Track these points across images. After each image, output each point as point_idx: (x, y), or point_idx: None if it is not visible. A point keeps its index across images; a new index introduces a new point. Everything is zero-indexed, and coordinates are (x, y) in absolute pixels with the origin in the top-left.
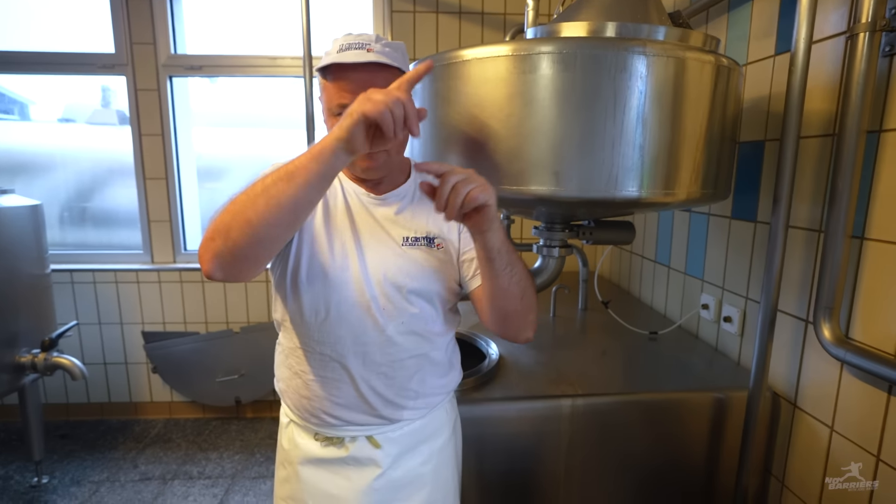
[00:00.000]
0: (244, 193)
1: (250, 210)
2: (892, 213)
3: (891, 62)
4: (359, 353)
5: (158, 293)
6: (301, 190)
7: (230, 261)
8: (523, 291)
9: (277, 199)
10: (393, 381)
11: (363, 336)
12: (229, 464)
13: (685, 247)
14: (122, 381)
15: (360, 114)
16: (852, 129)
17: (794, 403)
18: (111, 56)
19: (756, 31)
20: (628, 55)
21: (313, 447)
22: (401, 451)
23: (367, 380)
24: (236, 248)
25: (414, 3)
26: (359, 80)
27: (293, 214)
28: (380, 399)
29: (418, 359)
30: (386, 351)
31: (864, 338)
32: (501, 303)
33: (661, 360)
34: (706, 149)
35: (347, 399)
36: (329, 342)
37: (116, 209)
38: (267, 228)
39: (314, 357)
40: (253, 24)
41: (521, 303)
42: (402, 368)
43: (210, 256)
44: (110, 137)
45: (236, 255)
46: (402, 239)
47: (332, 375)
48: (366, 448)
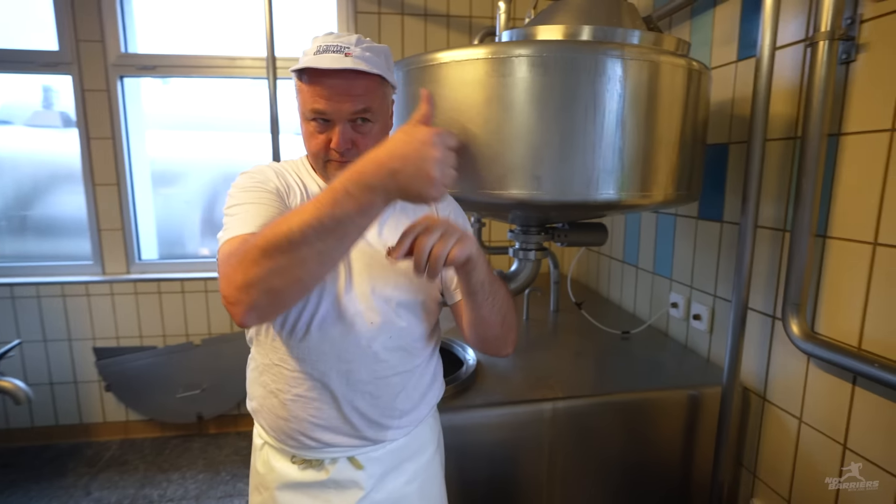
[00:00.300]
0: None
1: (298, 269)
2: (851, 212)
3: (847, 69)
4: (342, 370)
5: (111, 306)
6: (354, 243)
7: (272, 312)
8: (504, 317)
9: (331, 257)
10: (378, 400)
11: (347, 353)
12: (193, 484)
13: (653, 247)
14: (71, 402)
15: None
16: (815, 133)
17: (763, 397)
18: (54, 54)
19: (718, 38)
20: (607, 58)
21: (291, 470)
22: (384, 471)
23: (350, 400)
24: (282, 302)
25: (379, 4)
26: (334, 86)
27: (338, 262)
28: (364, 420)
29: (403, 375)
30: (371, 368)
31: (829, 332)
32: (482, 330)
33: (635, 359)
34: (680, 151)
35: (329, 420)
36: (310, 359)
37: (61, 217)
38: (317, 281)
39: (293, 375)
40: (209, 23)
41: (502, 328)
42: (387, 386)
43: (246, 309)
44: (53, 141)
45: (280, 308)
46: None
47: (312, 395)
48: (347, 470)
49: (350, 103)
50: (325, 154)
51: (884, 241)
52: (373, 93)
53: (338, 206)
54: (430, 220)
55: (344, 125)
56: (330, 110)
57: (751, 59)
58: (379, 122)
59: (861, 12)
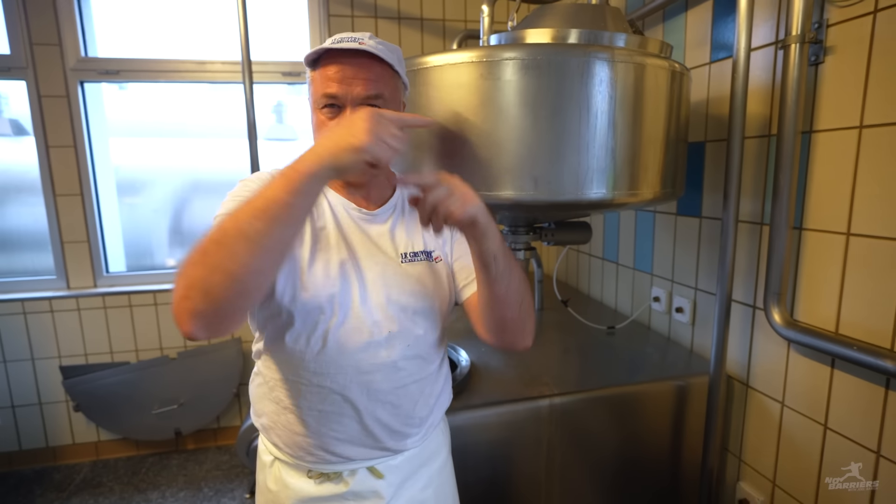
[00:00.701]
0: (215, 240)
1: (228, 261)
2: (825, 205)
3: (816, 70)
4: (363, 382)
5: (78, 322)
6: (287, 229)
7: (216, 320)
8: (521, 298)
9: (260, 244)
10: (399, 409)
11: (366, 364)
12: (174, 502)
13: (633, 244)
14: (37, 425)
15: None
16: (789, 131)
17: (746, 384)
18: (6, 58)
19: (691, 40)
20: (597, 61)
21: (307, 486)
22: (403, 478)
23: (372, 411)
24: (221, 305)
25: (352, 7)
26: (346, 69)
27: (281, 254)
28: (385, 431)
29: (421, 383)
30: (391, 378)
31: (808, 318)
32: (499, 311)
33: (622, 353)
34: (666, 150)
35: (351, 434)
36: (328, 373)
37: (17, 230)
38: (254, 276)
39: (310, 389)
40: (174, 26)
41: (520, 310)
42: (406, 395)
43: (188, 317)
44: (4, 150)
45: (222, 312)
46: (400, 256)
47: (332, 409)
48: (367, 480)
49: (362, 87)
50: None
51: (856, 231)
52: (385, 80)
53: (270, 188)
54: (441, 176)
55: (355, 109)
56: (341, 93)
57: (723, 61)
58: None
59: (827, 17)
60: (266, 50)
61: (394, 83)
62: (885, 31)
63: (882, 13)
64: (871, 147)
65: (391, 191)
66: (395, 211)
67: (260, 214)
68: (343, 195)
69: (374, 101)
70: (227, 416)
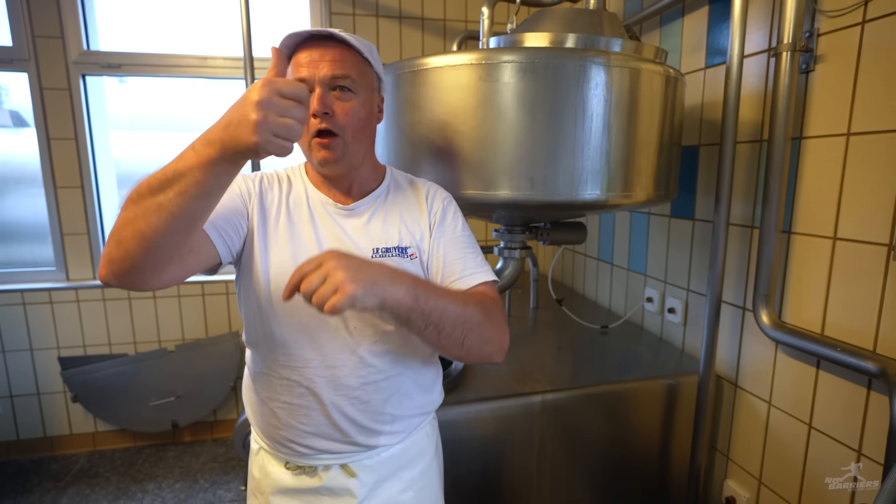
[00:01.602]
0: (132, 198)
1: (142, 222)
2: (814, 209)
3: (807, 78)
4: (328, 376)
5: (77, 313)
6: (192, 200)
7: (125, 269)
8: (461, 339)
9: (171, 212)
10: (367, 405)
11: (332, 358)
12: (170, 493)
13: (627, 244)
14: (34, 415)
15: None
16: (780, 137)
17: (735, 384)
18: (8, 50)
19: (687, 46)
20: (593, 65)
21: (284, 476)
22: (378, 479)
23: (338, 406)
24: (130, 258)
25: (353, 5)
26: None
27: (188, 222)
28: (353, 425)
29: (393, 380)
30: (358, 374)
31: (795, 320)
32: (442, 352)
33: (615, 352)
34: (659, 153)
35: (318, 427)
36: (296, 366)
37: (16, 222)
38: (163, 238)
39: (281, 382)
40: (177, 21)
41: (462, 348)
42: (376, 391)
43: (104, 262)
44: (3, 141)
45: (130, 264)
46: (371, 250)
47: (300, 402)
48: (340, 477)
49: (328, 67)
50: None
51: (842, 235)
52: (352, 64)
53: (181, 160)
54: (320, 260)
55: (323, 89)
56: (309, 76)
57: (718, 67)
58: (361, 96)
59: (818, 27)
60: (266, 47)
61: (362, 68)
62: (872, 42)
63: (870, 24)
64: (857, 154)
65: (377, 183)
66: (375, 204)
67: (170, 185)
68: (322, 191)
69: (341, 80)
70: (224, 410)
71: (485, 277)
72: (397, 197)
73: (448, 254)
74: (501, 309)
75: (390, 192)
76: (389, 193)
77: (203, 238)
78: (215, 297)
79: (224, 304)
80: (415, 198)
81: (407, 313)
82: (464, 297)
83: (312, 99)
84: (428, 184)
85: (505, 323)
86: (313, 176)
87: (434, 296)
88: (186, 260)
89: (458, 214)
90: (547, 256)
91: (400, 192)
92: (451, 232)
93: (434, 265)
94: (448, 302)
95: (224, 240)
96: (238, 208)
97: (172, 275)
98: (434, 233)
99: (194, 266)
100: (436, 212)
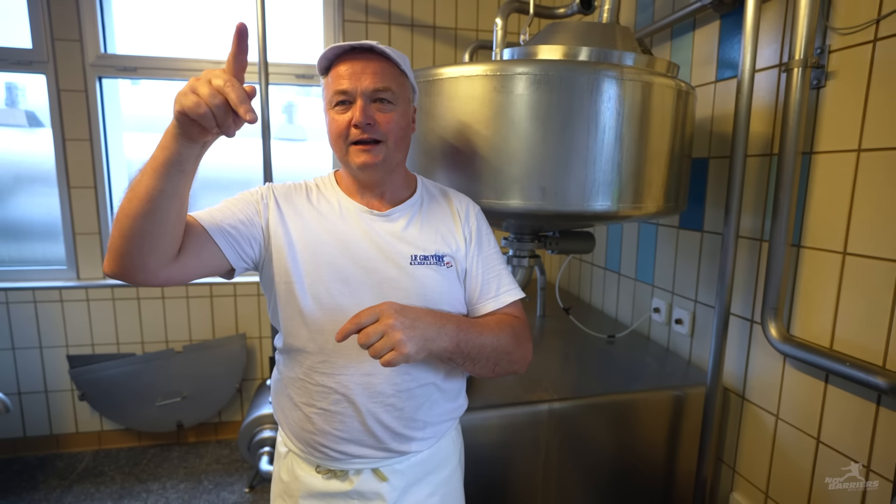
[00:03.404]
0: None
1: (122, 204)
2: (823, 224)
3: (818, 94)
4: (364, 384)
5: (86, 312)
6: (154, 180)
7: (114, 256)
8: (494, 365)
9: (136, 192)
10: (401, 412)
11: (369, 366)
12: (174, 494)
13: (635, 254)
14: (41, 412)
15: (177, 108)
16: (790, 151)
17: (742, 396)
18: (28, 52)
19: (698, 59)
20: (606, 78)
21: (315, 481)
22: (408, 483)
23: (373, 412)
24: (116, 245)
25: (366, 13)
26: (355, 65)
27: (150, 204)
28: (388, 432)
29: (427, 387)
30: (393, 381)
31: (804, 334)
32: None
33: (622, 362)
34: (670, 165)
35: (353, 433)
36: (333, 374)
37: (29, 220)
38: (131, 221)
39: (317, 389)
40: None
41: (493, 371)
42: (410, 399)
43: (108, 252)
44: (18, 140)
45: (118, 252)
46: (410, 257)
47: (336, 409)
48: (371, 482)
49: (370, 79)
50: (347, 135)
51: (852, 250)
52: (392, 76)
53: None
54: (377, 314)
55: (364, 101)
56: (351, 88)
57: (728, 80)
58: (400, 107)
59: (829, 43)
60: (280, 52)
61: (401, 81)
62: (884, 59)
63: (881, 42)
64: (868, 170)
65: (410, 192)
66: (410, 213)
67: (145, 170)
68: (356, 199)
69: (382, 93)
70: (229, 411)
71: (516, 295)
72: (432, 206)
73: (485, 272)
74: (527, 327)
75: (424, 201)
76: (424, 202)
77: (206, 242)
78: (223, 298)
79: (231, 306)
80: (448, 208)
81: (450, 356)
82: (498, 327)
83: (355, 110)
84: (458, 195)
85: (530, 339)
86: (345, 185)
87: (473, 335)
88: (185, 259)
89: (490, 230)
90: (554, 265)
91: (434, 202)
92: (487, 250)
93: (472, 284)
94: (485, 340)
95: (232, 245)
96: (249, 216)
97: (170, 273)
98: (472, 250)
99: (197, 267)
100: (472, 227)
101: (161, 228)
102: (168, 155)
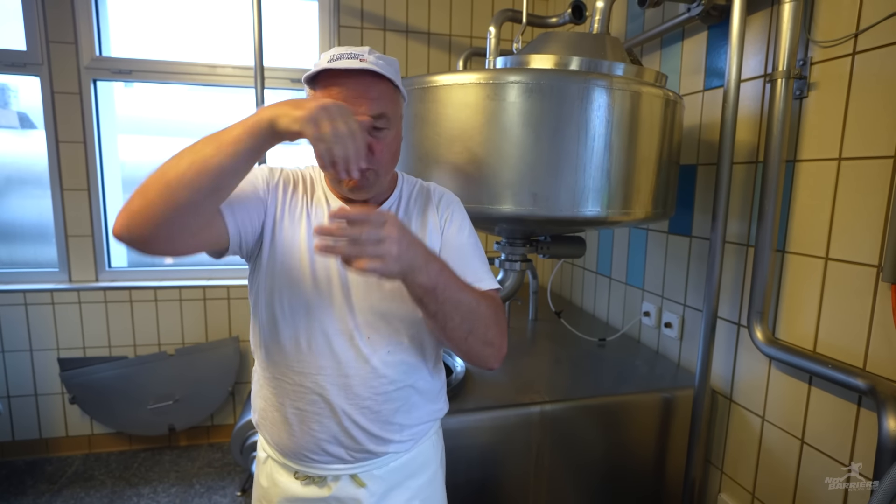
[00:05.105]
0: (173, 158)
1: (172, 170)
2: (807, 230)
3: (801, 104)
4: (341, 385)
5: (78, 315)
6: (231, 160)
7: (140, 221)
8: (468, 332)
9: (203, 162)
10: (378, 414)
11: (346, 367)
12: (165, 498)
13: (625, 259)
14: (31, 416)
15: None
16: (775, 159)
17: (729, 398)
18: (22, 54)
19: (686, 68)
20: (596, 88)
21: (293, 486)
22: (386, 488)
23: (349, 414)
24: (150, 208)
25: (361, 19)
26: (350, 89)
27: (215, 181)
28: (364, 433)
29: (405, 390)
30: (370, 384)
31: (788, 337)
32: (442, 339)
33: (612, 364)
34: (658, 172)
35: (329, 434)
36: (309, 373)
37: (20, 222)
38: (184, 191)
39: (293, 388)
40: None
41: (466, 343)
42: (387, 401)
43: (123, 215)
44: (9, 142)
45: (148, 216)
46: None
47: (312, 409)
48: (349, 487)
49: (366, 106)
50: None
51: (834, 256)
52: (388, 98)
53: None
54: (384, 220)
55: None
56: None
57: (716, 90)
58: (393, 129)
59: (811, 55)
60: (275, 56)
61: (395, 99)
62: (863, 72)
63: (860, 55)
64: (848, 178)
65: (390, 191)
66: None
67: (213, 140)
68: (342, 200)
69: (378, 121)
70: (222, 414)
71: (489, 286)
72: (415, 202)
73: (454, 261)
74: (504, 317)
75: (408, 197)
76: (406, 199)
77: (217, 215)
78: (216, 301)
79: (224, 309)
80: (428, 202)
81: (422, 295)
82: (479, 295)
83: None
84: (438, 188)
85: (506, 331)
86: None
87: (453, 285)
88: (202, 234)
89: (466, 221)
90: (546, 269)
91: (414, 198)
92: (457, 239)
93: None
94: (464, 297)
95: (236, 223)
96: (259, 197)
97: (185, 244)
98: (442, 239)
99: (207, 239)
100: (445, 217)
101: (214, 205)
102: (257, 142)
